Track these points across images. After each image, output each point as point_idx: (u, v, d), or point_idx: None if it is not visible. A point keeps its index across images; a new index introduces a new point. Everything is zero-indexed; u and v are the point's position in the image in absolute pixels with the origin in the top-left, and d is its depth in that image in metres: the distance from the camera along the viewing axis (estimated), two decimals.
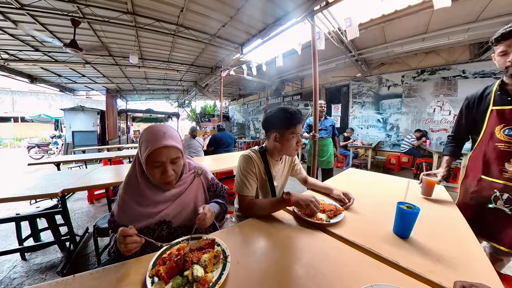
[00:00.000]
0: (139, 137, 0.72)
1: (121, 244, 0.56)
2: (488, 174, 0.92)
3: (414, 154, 4.46)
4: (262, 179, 1.04)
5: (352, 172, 1.68)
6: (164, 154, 0.68)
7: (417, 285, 0.51)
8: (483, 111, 0.94)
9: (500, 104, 0.88)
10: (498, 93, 0.89)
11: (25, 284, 1.45)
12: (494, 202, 0.89)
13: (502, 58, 0.84)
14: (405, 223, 0.72)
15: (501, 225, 0.88)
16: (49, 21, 3.31)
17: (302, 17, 2.92)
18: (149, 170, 0.69)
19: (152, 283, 0.51)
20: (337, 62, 5.30)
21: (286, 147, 0.98)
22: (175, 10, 3.26)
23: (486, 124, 0.92)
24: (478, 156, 0.96)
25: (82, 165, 4.24)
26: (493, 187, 0.89)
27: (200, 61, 5.73)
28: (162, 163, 0.68)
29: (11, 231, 1.97)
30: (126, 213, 0.71)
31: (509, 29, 0.80)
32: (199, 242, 0.64)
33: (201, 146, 3.69)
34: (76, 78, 6.73)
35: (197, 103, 11.89)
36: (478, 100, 0.98)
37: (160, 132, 0.69)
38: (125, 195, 0.73)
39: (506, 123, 0.86)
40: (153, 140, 0.67)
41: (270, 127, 1.00)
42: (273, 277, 0.54)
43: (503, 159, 0.86)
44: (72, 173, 2.07)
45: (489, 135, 0.91)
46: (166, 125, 0.75)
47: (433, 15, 3.21)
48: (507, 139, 0.85)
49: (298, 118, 0.95)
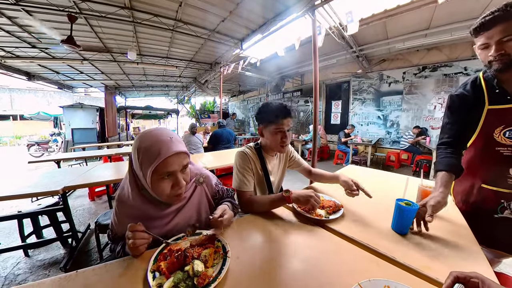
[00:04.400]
0: (134, 147, 0.60)
1: (129, 240, 0.56)
2: (490, 182, 0.81)
3: (413, 151, 4.46)
4: (259, 175, 1.03)
5: (351, 168, 1.68)
6: (176, 162, 0.59)
7: (414, 280, 0.52)
8: (476, 110, 0.81)
9: (497, 103, 0.76)
10: (496, 91, 0.77)
11: (29, 280, 1.47)
12: (500, 212, 0.79)
13: (483, 51, 0.73)
14: (403, 220, 0.72)
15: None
16: (46, 17, 3.25)
17: (303, 11, 2.86)
18: (156, 184, 0.58)
19: (153, 278, 0.52)
20: (337, 58, 5.24)
21: (271, 142, 0.96)
22: (174, 4, 3.20)
23: (481, 125, 0.80)
24: (473, 161, 0.85)
25: (82, 162, 4.25)
26: (499, 196, 0.79)
27: (199, 57, 5.67)
28: (173, 172, 0.59)
29: (13, 229, 1.99)
30: (122, 229, 0.65)
31: (489, 18, 0.66)
32: (200, 238, 0.65)
33: (201, 142, 3.70)
34: (74, 75, 6.67)
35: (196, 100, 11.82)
36: (470, 97, 0.83)
37: (166, 138, 0.59)
38: (119, 210, 0.67)
39: (506, 125, 0.74)
40: (159, 148, 0.57)
41: (259, 121, 0.99)
42: (273, 272, 0.55)
43: (507, 165, 0.75)
44: (72, 170, 2.08)
45: (485, 138, 0.80)
46: (166, 128, 0.68)
47: (436, 10, 3.16)
48: (510, 142, 0.74)
49: (284, 112, 0.90)
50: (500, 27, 0.65)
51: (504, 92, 0.75)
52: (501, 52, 0.67)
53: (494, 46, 0.68)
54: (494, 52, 0.68)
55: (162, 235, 0.68)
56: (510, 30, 0.64)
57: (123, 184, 0.69)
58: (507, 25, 0.64)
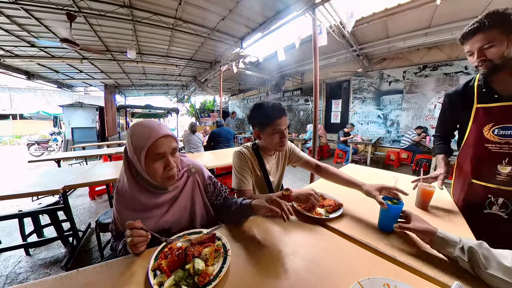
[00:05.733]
0: (128, 135, 0.67)
1: (128, 237, 0.58)
2: (479, 178, 0.85)
3: (413, 150, 4.47)
4: (257, 175, 1.02)
5: (351, 167, 1.68)
6: (165, 144, 0.65)
7: (414, 279, 0.52)
8: (467, 109, 0.87)
9: (485, 102, 0.81)
10: (483, 90, 0.82)
11: (31, 278, 1.48)
12: (489, 207, 0.83)
13: (470, 57, 0.81)
14: (388, 218, 0.72)
15: (501, 231, 0.81)
16: (44, 16, 3.24)
17: (303, 10, 2.85)
18: (150, 165, 0.64)
19: (154, 276, 0.52)
20: (338, 57, 5.23)
21: (269, 143, 0.94)
22: (173, 3, 3.18)
23: (472, 123, 0.85)
24: (466, 158, 0.90)
25: (82, 161, 4.25)
26: (487, 191, 0.83)
27: (199, 55, 5.65)
28: (164, 154, 0.65)
29: (14, 228, 1.99)
30: (123, 222, 0.68)
31: (470, 28, 0.76)
32: (200, 237, 0.65)
33: (201, 141, 3.69)
34: (73, 74, 6.65)
35: (196, 99, 11.78)
36: (460, 97, 0.91)
37: (154, 124, 0.67)
38: (118, 203, 0.71)
39: (495, 122, 0.78)
40: (149, 132, 0.64)
41: (252, 125, 0.97)
42: (273, 270, 0.56)
43: (495, 161, 0.79)
44: (72, 169, 2.08)
45: (476, 135, 0.84)
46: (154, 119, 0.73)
47: (437, 9, 3.14)
48: (498, 139, 0.78)
49: (277, 112, 0.89)
50: (480, 36, 0.74)
51: (492, 92, 0.81)
52: (483, 58, 0.75)
53: (476, 53, 0.77)
54: (476, 58, 0.77)
55: (161, 227, 0.72)
56: (489, 38, 0.73)
57: (120, 177, 0.73)
58: (486, 34, 0.73)
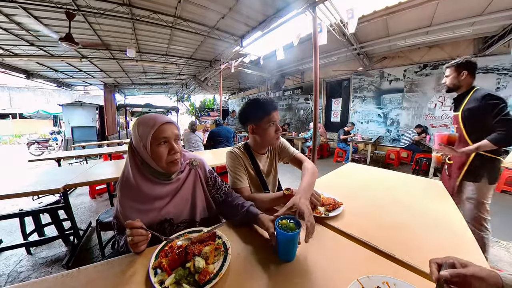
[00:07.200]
0: (134, 127, 0.72)
1: (128, 237, 0.58)
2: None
3: (413, 149, 4.47)
4: (251, 174, 1.03)
5: (351, 166, 1.69)
6: (169, 129, 0.70)
7: (413, 277, 0.52)
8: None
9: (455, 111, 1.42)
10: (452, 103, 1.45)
11: (32, 277, 1.49)
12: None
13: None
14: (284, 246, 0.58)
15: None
16: (43, 14, 3.22)
17: (303, 8, 2.83)
18: (155, 149, 0.68)
19: (155, 274, 0.52)
20: (338, 55, 5.20)
21: (265, 137, 0.96)
22: (173, 1, 3.16)
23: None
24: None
25: (82, 160, 4.26)
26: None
27: (198, 54, 5.63)
28: (168, 138, 0.70)
29: (15, 227, 2.00)
30: (127, 213, 0.71)
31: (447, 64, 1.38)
32: (200, 235, 0.65)
33: (201, 140, 3.70)
34: (73, 72, 6.62)
35: (196, 97, 11.75)
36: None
37: (157, 114, 0.74)
38: (122, 195, 0.73)
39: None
40: (154, 119, 0.69)
41: (246, 121, 0.99)
42: (273, 268, 0.56)
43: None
44: (73, 168, 2.08)
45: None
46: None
47: (438, 7, 3.12)
48: None
49: (272, 105, 0.94)
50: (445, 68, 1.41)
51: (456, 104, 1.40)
52: (444, 81, 1.41)
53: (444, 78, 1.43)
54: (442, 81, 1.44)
55: (163, 217, 0.74)
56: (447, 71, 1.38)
57: (123, 170, 0.75)
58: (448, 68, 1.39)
